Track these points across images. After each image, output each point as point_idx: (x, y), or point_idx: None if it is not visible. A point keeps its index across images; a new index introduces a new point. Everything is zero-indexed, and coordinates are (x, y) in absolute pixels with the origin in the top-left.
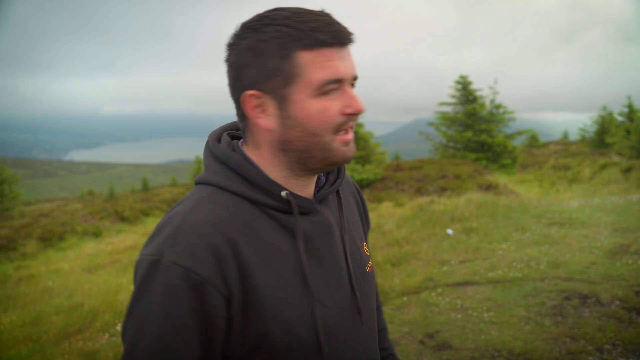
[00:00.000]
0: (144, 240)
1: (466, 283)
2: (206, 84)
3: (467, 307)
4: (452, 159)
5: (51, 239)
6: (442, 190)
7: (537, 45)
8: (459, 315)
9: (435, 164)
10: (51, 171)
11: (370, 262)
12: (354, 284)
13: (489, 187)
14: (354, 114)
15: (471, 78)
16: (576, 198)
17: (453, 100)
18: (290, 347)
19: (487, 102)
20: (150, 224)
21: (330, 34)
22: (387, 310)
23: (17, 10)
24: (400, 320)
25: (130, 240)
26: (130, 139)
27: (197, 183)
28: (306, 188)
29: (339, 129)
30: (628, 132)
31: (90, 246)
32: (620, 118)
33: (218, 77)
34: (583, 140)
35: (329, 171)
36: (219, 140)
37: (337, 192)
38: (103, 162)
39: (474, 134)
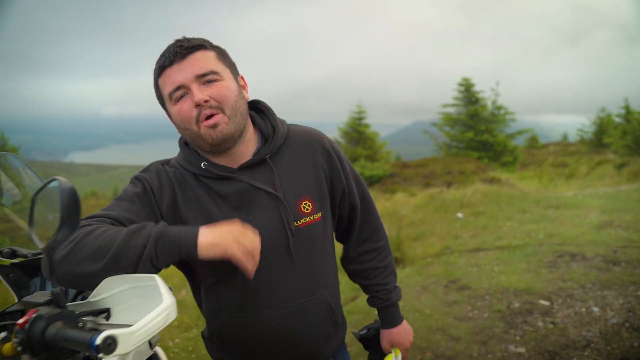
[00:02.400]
0: None
1: (478, 249)
2: None
3: (480, 264)
4: (456, 158)
5: None
6: (448, 184)
7: (540, 48)
8: (474, 269)
9: (439, 162)
10: (51, 173)
11: (307, 218)
12: (287, 231)
13: (492, 181)
14: (198, 105)
15: (474, 80)
16: (572, 190)
17: (456, 102)
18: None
19: (489, 104)
20: None
21: (164, 59)
22: (414, 268)
23: (20, 11)
24: (427, 273)
25: None
26: (131, 141)
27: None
28: (234, 159)
29: (197, 119)
30: (625, 132)
31: None
32: (617, 119)
33: None
34: (582, 141)
35: (264, 144)
36: None
37: (268, 157)
38: (103, 163)
39: (476, 134)
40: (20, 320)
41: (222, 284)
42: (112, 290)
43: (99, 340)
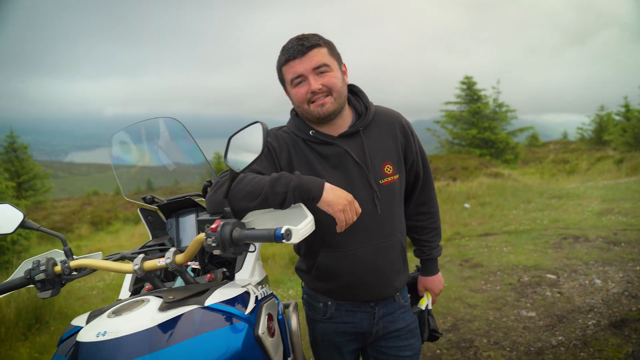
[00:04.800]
0: None
1: (487, 234)
2: (212, 85)
3: (490, 245)
4: (459, 155)
5: (100, 223)
6: (453, 179)
7: (544, 47)
8: (485, 250)
9: (443, 159)
10: (51, 173)
11: (389, 178)
12: (373, 185)
13: (496, 176)
14: (312, 92)
15: (477, 79)
16: (573, 184)
17: (458, 100)
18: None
19: (491, 102)
20: None
21: (288, 53)
22: None
23: (22, 11)
24: (441, 254)
25: None
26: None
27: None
28: (335, 129)
29: (310, 101)
30: (624, 130)
31: (140, 229)
32: (617, 117)
33: (224, 78)
34: (582, 139)
35: (357, 119)
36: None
37: (361, 130)
38: (103, 163)
39: (478, 132)
40: (213, 226)
41: (325, 229)
42: (255, 215)
43: (283, 230)
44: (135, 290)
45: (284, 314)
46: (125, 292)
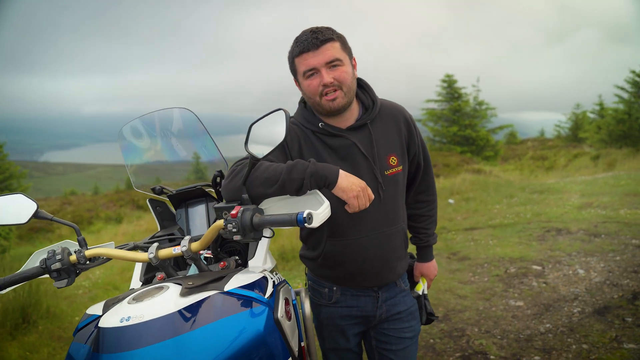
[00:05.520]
0: None
1: (472, 228)
2: (197, 84)
3: (476, 239)
4: (440, 152)
5: (82, 222)
6: (436, 176)
7: (524, 46)
8: (471, 243)
9: None
10: (25, 172)
11: (393, 169)
12: (378, 177)
13: (478, 172)
14: (324, 85)
15: (461, 77)
16: (552, 180)
17: (439, 98)
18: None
19: (471, 99)
20: None
21: (302, 46)
22: None
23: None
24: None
25: (154, 224)
26: (110, 140)
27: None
28: (343, 122)
29: (321, 94)
30: (599, 127)
31: (124, 227)
32: (592, 115)
33: (209, 77)
34: (559, 136)
35: (365, 110)
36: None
37: (368, 123)
38: (80, 162)
39: (459, 129)
40: (233, 212)
41: (333, 218)
42: (271, 202)
43: (305, 214)
44: (146, 280)
45: (297, 299)
46: (136, 282)
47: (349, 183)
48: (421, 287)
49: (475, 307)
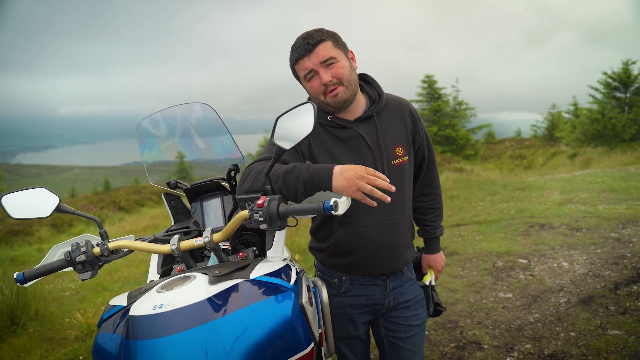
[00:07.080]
0: (143, 225)
1: (458, 225)
2: (181, 84)
3: (463, 235)
4: None
5: (62, 225)
6: None
7: (505, 47)
8: (459, 239)
9: None
10: None
11: (400, 159)
12: (384, 166)
13: (460, 171)
14: (324, 84)
15: (438, 77)
16: (532, 177)
17: (420, 98)
18: None
19: (451, 100)
20: (145, 213)
21: (297, 53)
22: None
23: None
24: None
25: (139, 225)
26: (86, 141)
27: None
28: (350, 114)
29: (324, 92)
30: (574, 127)
31: (106, 229)
32: (567, 115)
33: (194, 77)
34: (535, 135)
35: (372, 103)
36: None
37: (375, 115)
38: (55, 164)
39: (439, 129)
40: (260, 201)
41: None
42: None
43: (331, 202)
44: (164, 272)
45: (315, 287)
46: (154, 274)
47: (343, 180)
48: (428, 278)
49: (466, 299)
